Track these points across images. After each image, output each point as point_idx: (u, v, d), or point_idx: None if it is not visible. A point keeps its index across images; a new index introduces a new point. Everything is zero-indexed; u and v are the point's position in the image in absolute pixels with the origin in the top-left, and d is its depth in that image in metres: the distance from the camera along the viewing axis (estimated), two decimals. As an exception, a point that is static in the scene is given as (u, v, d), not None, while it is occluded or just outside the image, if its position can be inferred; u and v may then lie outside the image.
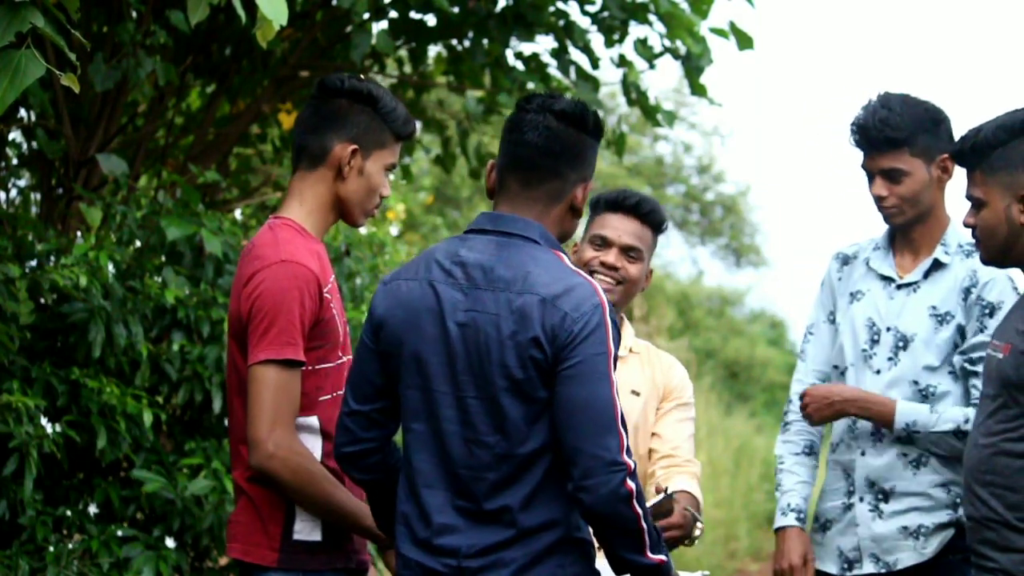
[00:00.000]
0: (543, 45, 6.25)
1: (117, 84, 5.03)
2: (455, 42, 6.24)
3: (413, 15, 6.00)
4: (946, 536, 3.65)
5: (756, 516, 11.81)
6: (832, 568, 3.78)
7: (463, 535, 2.72)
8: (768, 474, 11.88)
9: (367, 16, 5.79)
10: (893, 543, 3.68)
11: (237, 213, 5.93)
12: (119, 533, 4.45)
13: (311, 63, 5.98)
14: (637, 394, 3.56)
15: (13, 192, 5.70)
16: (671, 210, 22.88)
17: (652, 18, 6.03)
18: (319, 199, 3.16)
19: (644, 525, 2.68)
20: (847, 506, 3.76)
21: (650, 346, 3.69)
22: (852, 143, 3.76)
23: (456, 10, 5.86)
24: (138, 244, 4.90)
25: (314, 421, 3.08)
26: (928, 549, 3.66)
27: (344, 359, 3.15)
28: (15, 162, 5.57)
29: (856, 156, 3.77)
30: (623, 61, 6.20)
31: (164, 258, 4.93)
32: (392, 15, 6.01)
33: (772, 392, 17.91)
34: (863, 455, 3.73)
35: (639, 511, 2.66)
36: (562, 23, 6.05)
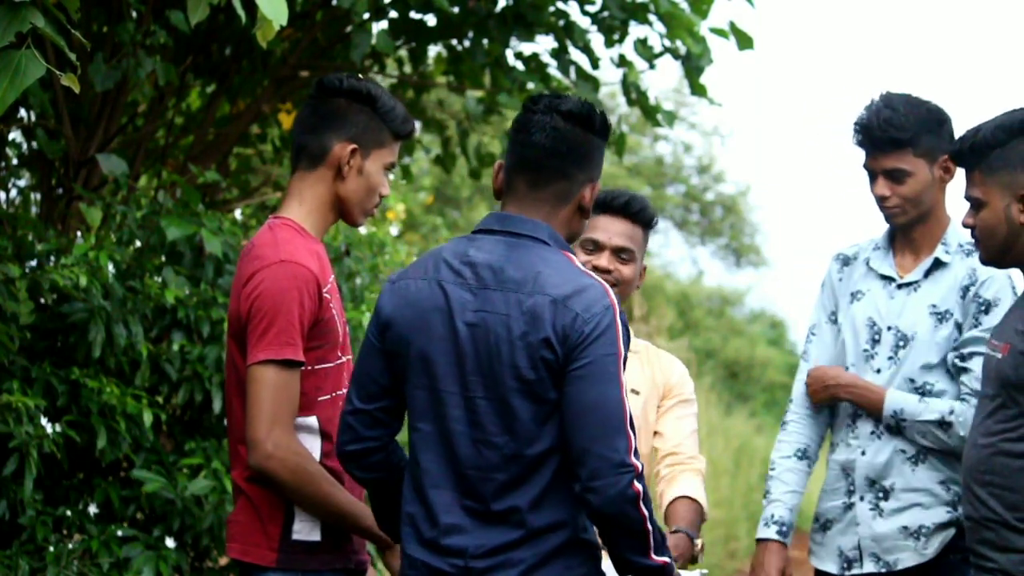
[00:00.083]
0: (543, 45, 6.26)
1: (117, 84, 5.03)
2: (455, 42, 6.24)
3: (413, 15, 6.00)
4: (947, 536, 3.65)
5: (756, 516, 11.75)
6: (832, 568, 3.77)
7: (470, 535, 2.71)
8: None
9: (367, 16, 5.79)
10: (893, 543, 3.68)
11: (237, 213, 5.93)
12: (119, 533, 4.45)
13: (311, 63, 5.98)
14: (636, 393, 3.56)
15: (13, 192, 5.70)
16: (671, 210, 22.89)
17: (652, 18, 6.03)
18: (319, 199, 3.16)
19: (650, 527, 2.68)
20: (848, 506, 3.76)
21: (649, 345, 3.69)
22: (855, 143, 3.75)
23: (456, 10, 5.86)
24: (138, 244, 4.89)
25: (313, 421, 3.07)
26: (929, 550, 3.66)
27: (343, 359, 3.15)
28: (15, 162, 5.56)
29: (856, 155, 3.77)
30: (623, 61, 6.20)
31: (164, 258, 4.92)
32: (392, 15, 6.01)
33: (772, 392, 17.92)
34: (863, 455, 3.73)
35: (645, 513, 2.66)
36: (562, 23, 6.05)
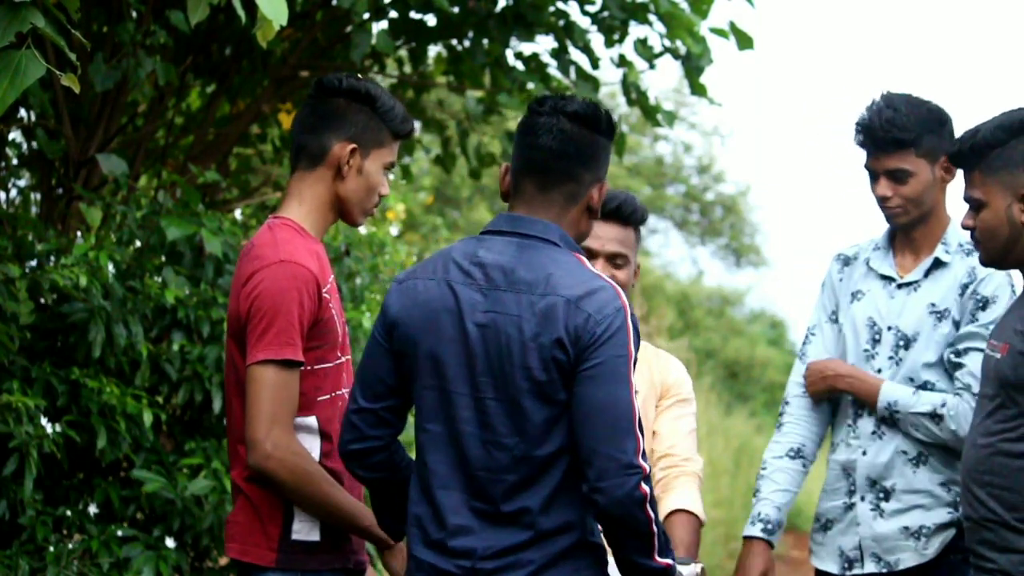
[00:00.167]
0: (543, 45, 6.25)
1: (117, 84, 5.03)
2: (455, 42, 6.24)
3: (413, 15, 5.99)
4: (947, 536, 3.65)
5: (756, 516, 11.78)
6: (833, 568, 3.77)
7: (478, 536, 2.70)
8: (768, 474, 11.86)
9: (367, 16, 5.79)
10: (894, 543, 3.68)
11: (237, 213, 5.93)
12: (119, 533, 4.45)
13: (311, 63, 5.98)
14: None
15: (13, 192, 5.70)
16: (671, 210, 22.89)
17: (652, 18, 6.03)
18: (318, 199, 3.16)
19: (655, 528, 2.68)
20: (848, 506, 3.76)
21: (647, 345, 3.69)
22: (856, 143, 3.75)
23: (456, 10, 5.86)
24: (138, 244, 4.89)
25: (312, 421, 3.07)
26: (929, 550, 3.66)
27: (343, 359, 3.15)
28: (15, 162, 5.56)
29: (856, 155, 3.77)
30: (623, 61, 6.20)
31: (164, 258, 4.92)
32: (392, 15, 6.01)
33: (772, 392, 17.91)
34: (864, 455, 3.73)
35: (651, 515, 2.66)
36: (562, 23, 6.04)
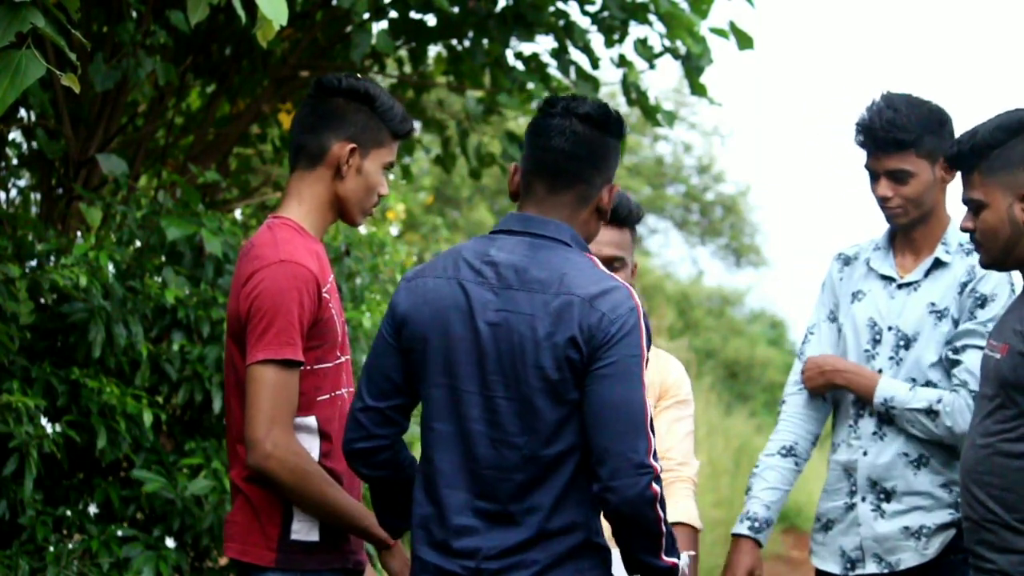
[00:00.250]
0: (543, 45, 6.25)
1: (117, 84, 5.03)
2: (455, 42, 6.24)
3: (413, 15, 6.00)
4: (948, 536, 3.65)
5: (756, 516, 11.78)
6: (835, 568, 3.77)
7: (482, 536, 2.70)
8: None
9: (367, 16, 5.79)
10: (895, 543, 3.68)
11: (237, 213, 5.93)
12: (119, 533, 4.45)
13: (311, 63, 5.98)
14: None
15: (13, 192, 5.70)
16: (671, 210, 22.89)
17: (652, 18, 6.03)
18: (318, 199, 3.16)
19: (664, 528, 2.69)
20: (849, 506, 3.75)
21: (646, 345, 3.69)
22: (857, 143, 3.74)
23: (456, 10, 5.86)
24: (138, 244, 4.90)
25: (312, 421, 3.07)
26: (930, 550, 3.65)
27: (342, 359, 3.14)
28: (15, 162, 5.56)
29: (856, 155, 3.76)
30: (623, 61, 6.20)
31: (164, 258, 4.93)
32: (392, 15, 6.01)
33: (772, 392, 17.89)
34: (865, 455, 3.73)
35: (661, 514, 2.67)
36: (562, 23, 6.05)
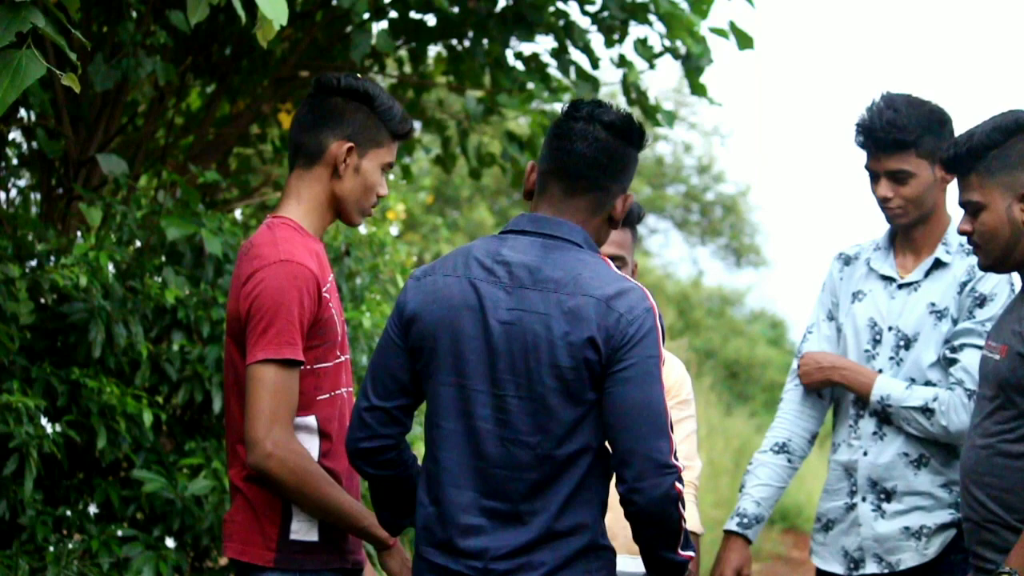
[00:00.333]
0: (543, 45, 6.25)
1: (117, 84, 5.03)
2: (455, 42, 6.24)
3: (413, 15, 5.99)
4: (948, 536, 3.65)
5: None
6: (838, 568, 3.77)
7: (489, 536, 2.70)
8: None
9: (367, 16, 5.79)
10: (895, 543, 3.68)
11: (237, 213, 5.93)
12: (119, 533, 4.45)
13: (311, 63, 5.98)
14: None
15: (13, 192, 5.70)
16: (671, 210, 22.88)
17: (652, 18, 6.03)
18: (316, 198, 3.15)
19: (683, 525, 2.72)
20: (849, 506, 3.75)
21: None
22: (857, 144, 3.74)
23: (456, 10, 5.86)
24: (138, 244, 4.90)
25: (312, 421, 3.07)
26: (930, 550, 3.65)
27: (342, 358, 3.14)
28: (15, 162, 5.56)
29: (856, 155, 3.77)
30: (623, 61, 6.20)
31: (164, 258, 4.93)
32: (392, 15, 6.01)
33: (772, 392, 17.88)
34: (865, 455, 3.73)
35: (682, 511, 2.70)
36: (562, 23, 6.04)
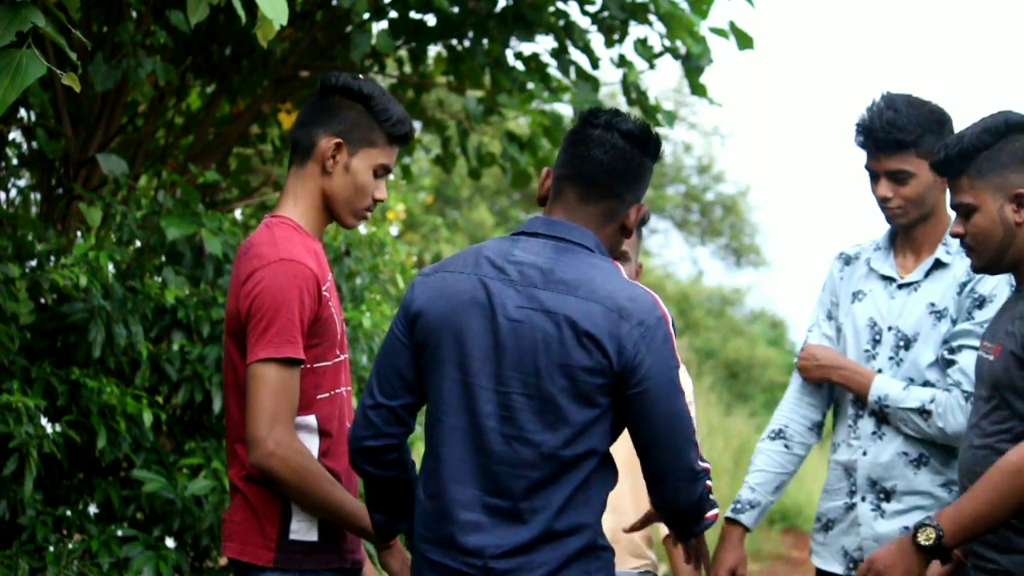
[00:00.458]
0: (543, 45, 6.26)
1: (117, 84, 5.03)
2: (455, 42, 6.25)
3: (413, 15, 6.00)
4: (947, 536, 3.65)
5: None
6: (838, 568, 3.77)
7: (489, 534, 2.69)
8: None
9: (367, 16, 5.79)
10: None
11: (237, 213, 5.93)
12: (119, 533, 4.45)
13: (311, 63, 5.98)
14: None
15: (13, 192, 5.70)
16: (671, 210, 22.89)
17: (652, 18, 6.04)
18: (310, 196, 3.15)
19: (708, 504, 2.83)
20: (849, 506, 3.75)
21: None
22: (857, 144, 3.74)
23: (456, 10, 5.86)
24: (138, 244, 4.90)
25: (311, 420, 3.07)
26: (929, 549, 3.65)
27: (341, 357, 3.14)
28: (15, 162, 5.57)
29: (856, 155, 3.76)
30: (623, 61, 6.20)
31: (164, 258, 4.93)
32: (392, 15, 6.02)
33: (772, 392, 17.90)
34: (864, 455, 3.73)
35: (711, 499, 2.82)
36: (562, 23, 6.05)
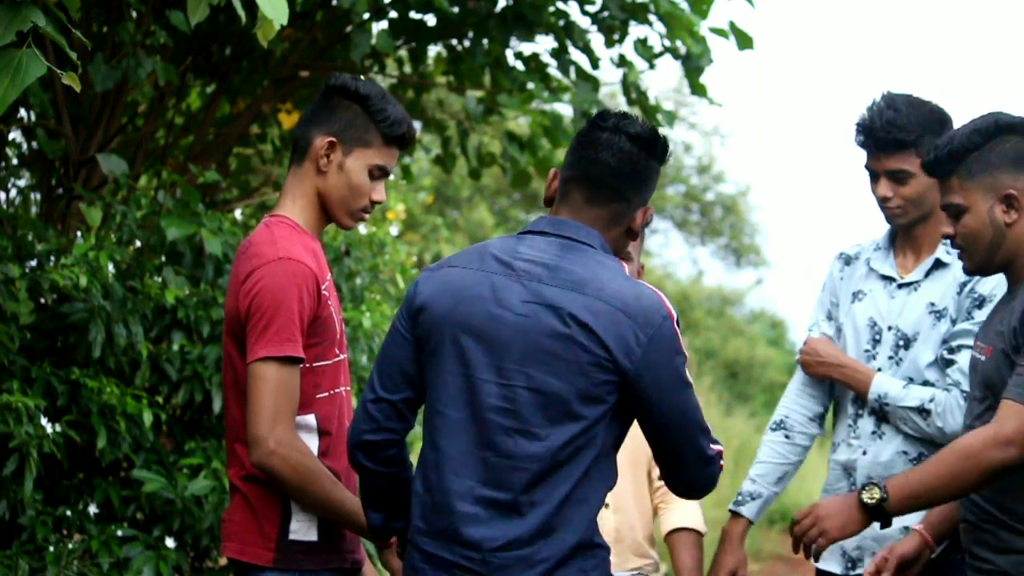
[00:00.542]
0: (543, 45, 6.26)
1: (117, 84, 5.03)
2: (455, 42, 6.25)
3: (413, 15, 6.00)
4: (947, 535, 3.65)
5: (756, 516, 11.78)
6: (836, 567, 3.77)
7: (487, 526, 2.69)
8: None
9: (367, 16, 5.79)
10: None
11: (237, 213, 5.93)
12: (119, 533, 4.45)
13: (311, 63, 5.98)
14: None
15: (13, 192, 5.70)
16: (671, 210, 22.88)
17: (652, 18, 6.04)
18: (307, 195, 3.16)
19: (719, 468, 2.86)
20: (848, 506, 3.75)
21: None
22: (857, 144, 3.74)
23: (456, 10, 5.86)
24: (138, 244, 4.90)
25: (311, 419, 3.07)
26: (929, 549, 3.65)
27: (341, 357, 3.14)
28: (15, 162, 5.57)
29: (856, 155, 3.77)
30: (623, 61, 6.20)
31: (164, 258, 4.93)
32: (392, 15, 6.01)
33: (772, 392, 17.89)
34: (864, 454, 3.73)
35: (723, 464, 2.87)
36: (562, 23, 6.05)
